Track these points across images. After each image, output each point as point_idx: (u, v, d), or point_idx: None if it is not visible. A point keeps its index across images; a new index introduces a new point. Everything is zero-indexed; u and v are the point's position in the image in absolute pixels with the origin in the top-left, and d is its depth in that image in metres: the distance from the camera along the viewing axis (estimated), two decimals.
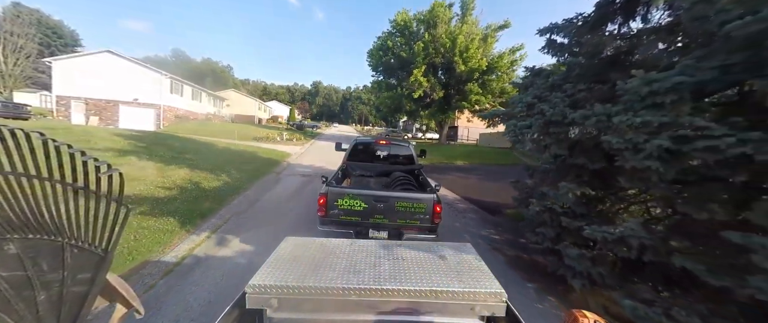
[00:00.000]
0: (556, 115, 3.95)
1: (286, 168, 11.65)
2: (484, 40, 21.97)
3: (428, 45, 21.61)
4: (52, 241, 1.00)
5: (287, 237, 1.86)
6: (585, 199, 4.00)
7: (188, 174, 7.90)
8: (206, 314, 2.88)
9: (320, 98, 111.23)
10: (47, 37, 44.39)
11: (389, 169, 5.86)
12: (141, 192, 6.06)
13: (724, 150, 2.27)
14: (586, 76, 4.55)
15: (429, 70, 22.33)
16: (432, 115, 24.34)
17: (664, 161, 2.66)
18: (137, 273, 3.55)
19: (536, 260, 4.82)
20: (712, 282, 2.45)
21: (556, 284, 4.05)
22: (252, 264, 3.80)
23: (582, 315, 1.23)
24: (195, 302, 3.07)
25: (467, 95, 21.38)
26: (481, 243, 5.46)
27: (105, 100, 22.44)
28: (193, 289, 3.29)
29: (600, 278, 3.46)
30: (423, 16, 23.09)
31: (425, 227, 3.76)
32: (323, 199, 3.67)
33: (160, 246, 4.20)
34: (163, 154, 9.23)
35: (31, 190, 0.95)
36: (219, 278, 3.53)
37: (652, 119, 2.63)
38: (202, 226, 5.11)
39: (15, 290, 0.92)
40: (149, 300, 3.04)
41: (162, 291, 3.24)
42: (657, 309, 2.69)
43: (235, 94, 43.39)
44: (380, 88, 26.47)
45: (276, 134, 23.32)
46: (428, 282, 1.41)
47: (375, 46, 24.99)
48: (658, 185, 2.94)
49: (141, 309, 1.29)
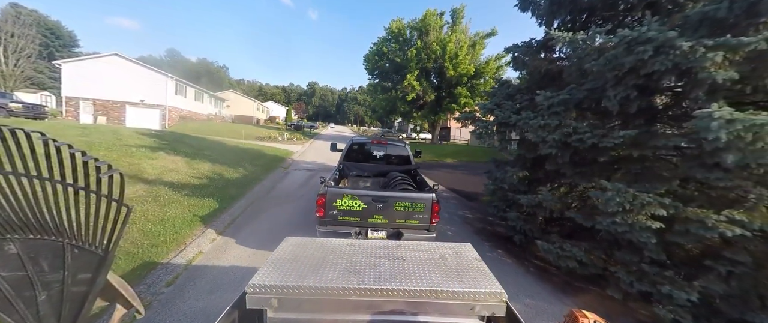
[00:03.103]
0: (504, 118, 5.43)
1: (292, 164, 13.00)
2: (473, 47, 23.62)
3: (421, 51, 23.19)
4: (53, 241, 1.00)
5: (287, 237, 1.87)
6: (526, 180, 5.49)
7: (211, 167, 9.22)
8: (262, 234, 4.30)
9: (316, 98, 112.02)
10: (46, 37, 44.73)
11: (386, 169, 5.97)
12: (179, 180, 7.38)
13: (585, 140, 3.75)
14: (530, 88, 6.06)
15: (421, 75, 23.89)
16: (424, 116, 25.93)
17: (560, 149, 4.14)
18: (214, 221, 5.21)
19: (495, 229, 6.31)
20: (585, 224, 3.93)
21: (505, 242, 5.54)
22: (273, 226, 5.24)
23: (582, 315, 1.25)
24: (250, 236, 4.49)
25: (457, 98, 23.00)
26: (456, 219, 6.93)
27: (112, 101, 23.44)
28: (244, 235, 4.72)
29: (530, 233, 4.93)
30: (416, 24, 24.68)
31: (424, 226, 3.77)
32: (322, 199, 3.63)
33: (210, 216, 5.57)
34: (186, 150, 10.51)
35: (32, 190, 0.95)
36: (257, 231, 4.96)
37: (551, 122, 4.10)
38: (234, 205, 6.49)
39: (16, 290, 0.92)
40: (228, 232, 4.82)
41: (229, 231, 4.66)
42: (556, 246, 4.16)
43: (233, 95, 44.41)
44: (376, 90, 27.98)
45: (277, 134, 24.60)
46: (428, 282, 1.42)
47: (371, 51, 26.52)
48: (563, 166, 4.42)
49: (141, 309, 1.28)
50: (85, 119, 23.00)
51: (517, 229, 5.13)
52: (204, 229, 5.05)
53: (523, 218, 5.00)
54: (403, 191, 4.17)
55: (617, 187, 3.23)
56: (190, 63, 70.66)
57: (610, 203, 3.27)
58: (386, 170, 5.99)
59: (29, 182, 0.96)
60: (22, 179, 0.94)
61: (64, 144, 0.95)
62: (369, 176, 5.91)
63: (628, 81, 3.29)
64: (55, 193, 1.00)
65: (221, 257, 4.22)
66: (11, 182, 0.92)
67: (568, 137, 3.99)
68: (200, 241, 4.61)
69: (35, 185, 0.97)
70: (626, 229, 3.26)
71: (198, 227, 5.09)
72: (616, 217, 3.32)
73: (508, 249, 5.35)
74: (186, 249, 4.32)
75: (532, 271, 4.61)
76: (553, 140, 4.07)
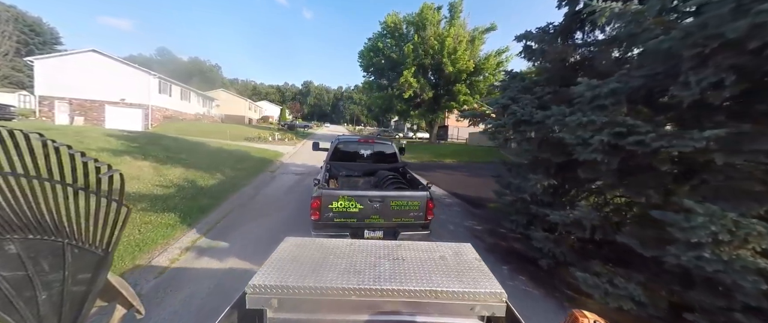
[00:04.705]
0: (525, 115, 4.46)
1: (280, 167, 11.93)
2: (472, 42, 22.69)
3: (418, 46, 22.18)
4: (53, 241, 1.01)
5: (287, 238, 1.86)
6: (551, 189, 4.53)
7: (184, 173, 8.13)
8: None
9: (312, 97, 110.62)
10: (25, 34, 42.78)
11: (373, 168, 5.89)
12: (139, 190, 6.29)
13: (648, 143, 2.79)
14: (553, 79, 5.10)
15: (419, 71, 22.90)
16: (422, 115, 24.96)
17: (606, 154, 3.19)
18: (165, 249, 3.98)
19: (512, 246, 5.35)
20: (645, 254, 2.97)
21: (527, 264, 4.57)
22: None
23: (582, 315, 1.26)
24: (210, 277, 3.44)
25: (456, 96, 22.05)
26: (463, 232, 5.96)
27: (90, 100, 22.04)
28: (200, 276, 3.66)
29: (561, 256, 3.98)
30: (412, 18, 23.64)
31: (419, 223, 3.83)
32: (317, 202, 3.54)
33: (162, 240, 4.50)
34: (157, 154, 9.39)
35: (32, 191, 0.96)
36: (226, 261, 3.90)
37: (596, 118, 3.14)
38: (200, 221, 5.42)
39: (16, 290, 0.92)
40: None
41: (185, 261, 3.60)
42: (603, 279, 3.21)
43: (225, 94, 42.96)
44: (371, 88, 26.92)
45: (268, 134, 23.42)
46: (428, 282, 1.41)
47: (366, 47, 25.42)
48: (605, 174, 3.46)
49: (141, 308, 1.29)
50: (61, 120, 21.59)
51: (544, 251, 4.18)
52: (143, 269, 3.72)
53: (553, 239, 4.04)
54: (397, 189, 4.17)
55: (710, 210, 2.28)
56: (181, 62, 68.97)
57: (699, 231, 2.32)
58: (374, 168, 5.87)
59: (29, 182, 0.95)
60: (22, 179, 0.94)
61: (64, 145, 0.96)
62: (359, 175, 5.79)
63: (723, 60, 2.33)
64: (55, 194, 1.00)
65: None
66: (11, 183, 0.91)
67: (620, 139, 3.03)
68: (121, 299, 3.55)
69: (35, 185, 0.96)
70: (719, 268, 2.32)
71: (136, 261, 3.89)
72: (703, 250, 2.38)
73: (532, 274, 4.38)
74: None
75: (566, 307, 3.66)
76: (599, 141, 3.11)
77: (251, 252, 4.33)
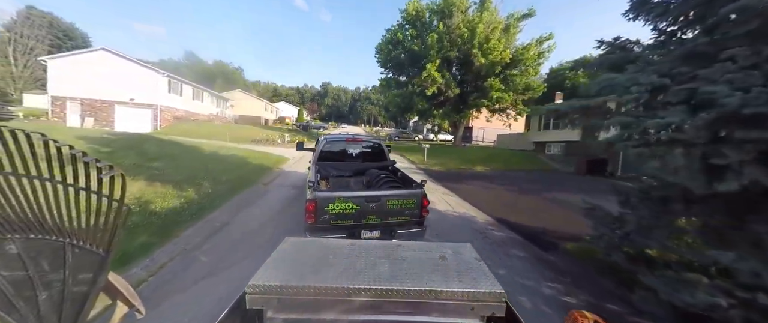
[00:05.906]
0: (750, 102, 1.91)
1: (279, 176, 9.88)
2: (506, 31, 19.72)
3: (443, 37, 19.54)
4: (54, 241, 1.01)
5: (287, 238, 1.85)
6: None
7: (143, 189, 6.18)
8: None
9: (329, 98, 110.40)
10: (59, 39, 44.67)
11: (363, 167, 5.79)
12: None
13: None
14: (716, 45, 2.47)
15: (443, 65, 20.25)
16: (446, 115, 22.23)
17: None
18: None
19: None
20: None
21: None
22: None
23: (582, 315, 1.28)
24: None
25: (487, 92, 19.17)
26: (541, 305, 3.40)
27: (101, 100, 21.40)
28: None
29: None
30: (436, 5, 21.03)
31: (415, 221, 3.87)
32: (313, 205, 3.44)
33: None
34: (125, 162, 7.61)
35: (33, 190, 0.96)
36: None
37: None
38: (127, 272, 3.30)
39: (17, 289, 0.93)
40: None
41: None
42: None
43: (240, 94, 42.36)
44: (389, 86, 24.53)
45: (277, 136, 21.76)
46: (428, 282, 1.40)
47: (384, 39, 23.06)
48: None
49: (142, 308, 1.26)
50: (73, 121, 21.13)
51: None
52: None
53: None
54: (392, 188, 4.16)
55: None
56: (206, 65, 70.32)
57: None
58: (364, 167, 5.79)
59: (30, 182, 0.95)
60: (23, 179, 0.94)
61: (65, 145, 0.96)
62: (349, 175, 5.71)
63: None
64: (55, 193, 1.00)
65: None
66: (12, 183, 0.91)
67: None
68: None
69: (36, 185, 0.97)
70: None
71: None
72: None
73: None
74: None
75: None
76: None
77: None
